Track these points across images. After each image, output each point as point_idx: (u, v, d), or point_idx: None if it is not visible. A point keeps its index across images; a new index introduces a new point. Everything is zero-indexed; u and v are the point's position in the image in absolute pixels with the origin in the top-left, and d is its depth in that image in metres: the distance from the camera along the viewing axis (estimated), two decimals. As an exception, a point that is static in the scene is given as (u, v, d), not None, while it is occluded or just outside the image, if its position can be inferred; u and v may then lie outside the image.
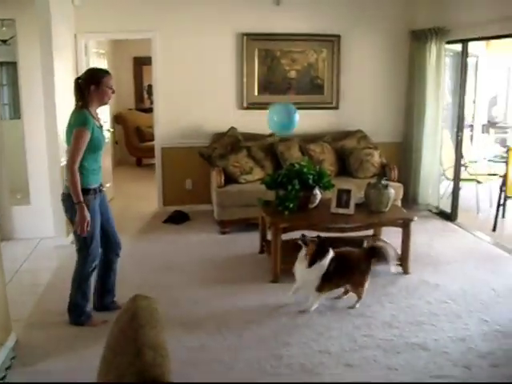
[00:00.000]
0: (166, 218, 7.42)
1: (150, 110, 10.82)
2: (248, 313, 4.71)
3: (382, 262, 4.86)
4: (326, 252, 4.60)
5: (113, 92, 4.27)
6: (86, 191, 4.15)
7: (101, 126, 4.33)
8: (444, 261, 5.94)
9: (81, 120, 4.06)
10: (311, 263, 4.57)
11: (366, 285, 4.78)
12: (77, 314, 4.43)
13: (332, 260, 4.60)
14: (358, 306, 4.76)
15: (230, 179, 6.94)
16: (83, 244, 4.28)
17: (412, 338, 4.25)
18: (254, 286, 5.26)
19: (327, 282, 4.60)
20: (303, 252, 4.66)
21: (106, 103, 4.31)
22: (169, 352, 1.73)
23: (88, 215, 4.10)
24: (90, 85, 4.12)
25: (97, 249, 4.36)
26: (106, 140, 4.47)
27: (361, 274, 4.74)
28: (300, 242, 4.68)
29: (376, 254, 4.81)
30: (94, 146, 4.14)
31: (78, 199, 4.06)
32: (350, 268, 4.74)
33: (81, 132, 4.02)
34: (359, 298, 4.77)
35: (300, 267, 4.69)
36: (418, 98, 7.71)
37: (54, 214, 6.36)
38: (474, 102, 10.63)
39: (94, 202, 4.24)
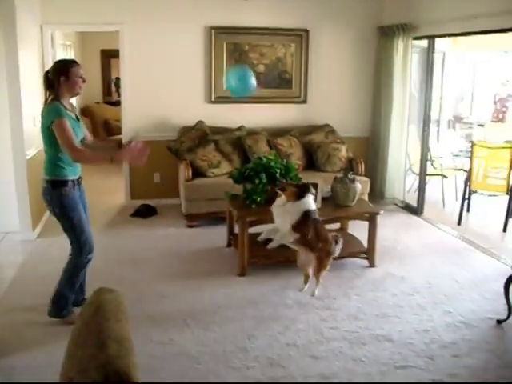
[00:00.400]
0: (133, 212, 7.38)
1: (117, 103, 10.73)
2: (215, 306, 4.71)
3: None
4: (308, 191, 4.72)
5: (83, 81, 4.20)
6: (63, 183, 4.11)
7: (77, 118, 4.28)
8: (410, 254, 6.02)
9: (54, 112, 3.99)
10: (300, 197, 4.67)
11: (327, 268, 4.85)
12: (60, 306, 4.34)
13: (313, 212, 4.71)
14: (317, 292, 4.84)
15: (197, 173, 6.93)
16: (74, 236, 4.24)
17: (377, 330, 4.30)
18: (221, 279, 5.27)
19: (303, 228, 4.64)
20: (280, 199, 4.75)
21: (77, 93, 4.26)
22: (135, 346, 1.72)
23: (131, 149, 4.15)
24: (60, 76, 4.07)
25: (90, 238, 4.31)
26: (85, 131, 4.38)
27: (327, 252, 4.79)
28: (277, 190, 4.81)
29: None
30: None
31: (108, 160, 4.08)
32: (324, 236, 4.76)
33: (60, 123, 3.95)
34: (317, 281, 4.85)
35: (279, 207, 4.76)
36: (384, 93, 7.78)
37: (20, 207, 6.28)
38: (441, 97, 10.76)
39: (74, 193, 4.19)
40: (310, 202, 4.72)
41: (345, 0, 7.92)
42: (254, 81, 5.52)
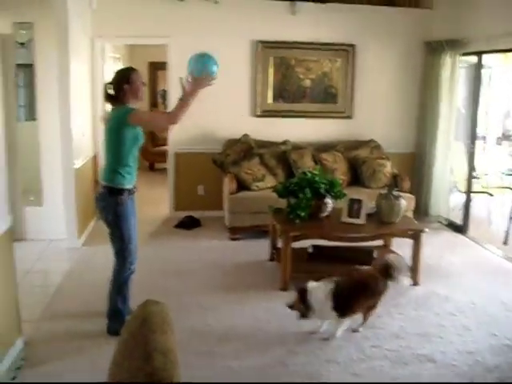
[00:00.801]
0: (177, 223, 7.45)
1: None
2: (256, 320, 4.72)
3: (394, 278, 4.56)
4: (304, 292, 4.26)
5: (144, 85, 4.34)
6: (120, 191, 4.18)
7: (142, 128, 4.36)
8: (454, 273, 5.93)
9: (124, 110, 4.13)
10: (304, 315, 4.28)
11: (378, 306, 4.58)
12: (118, 322, 4.31)
13: (339, 285, 4.30)
14: (361, 330, 4.53)
15: (242, 186, 6.97)
16: (121, 245, 4.28)
17: (419, 350, 4.24)
18: (263, 293, 5.27)
19: (343, 306, 4.30)
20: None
21: (141, 98, 4.34)
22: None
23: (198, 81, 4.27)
24: (123, 84, 4.18)
25: (135, 250, 4.36)
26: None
27: (378, 294, 4.48)
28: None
29: (390, 272, 4.50)
30: (134, 142, 4.17)
31: (187, 100, 4.21)
32: (367, 288, 4.42)
33: (136, 112, 4.12)
34: (365, 320, 4.56)
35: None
36: (431, 109, 7.71)
37: (67, 215, 6.41)
38: (487, 113, 10.59)
39: (128, 203, 4.25)
40: (315, 298, 4.25)
41: (392, 15, 7.88)
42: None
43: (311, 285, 4.30)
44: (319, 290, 4.27)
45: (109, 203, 4.19)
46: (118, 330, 4.27)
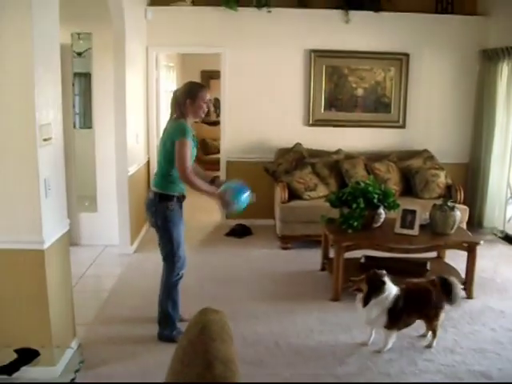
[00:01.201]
0: (228, 231, 7.48)
1: (215, 123, 10.97)
2: (307, 330, 4.69)
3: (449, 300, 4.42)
4: (380, 286, 4.24)
5: (208, 107, 4.33)
6: (170, 197, 4.23)
7: (196, 140, 4.41)
8: (510, 287, 5.77)
9: (182, 131, 4.13)
10: (365, 302, 4.25)
11: (441, 319, 4.44)
12: (169, 328, 4.41)
13: (399, 296, 4.25)
14: (435, 344, 4.41)
15: (293, 195, 6.95)
16: (170, 250, 4.33)
17: (475, 366, 4.14)
18: (314, 303, 5.24)
19: (396, 318, 4.25)
20: (359, 296, 4.35)
21: (200, 117, 4.35)
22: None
23: (225, 197, 4.19)
24: (187, 98, 4.19)
25: (183, 256, 4.40)
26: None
27: (434, 308, 4.36)
28: (354, 291, 4.40)
29: (449, 288, 4.38)
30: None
31: (211, 194, 4.19)
32: (422, 302, 4.34)
33: (184, 143, 4.09)
34: (434, 334, 4.43)
35: (359, 309, 4.37)
36: (486, 118, 7.57)
37: (120, 222, 6.51)
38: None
39: (178, 209, 4.30)
40: (390, 297, 4.25)
41: (446, 23, 7.78)
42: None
43: (388, 283, 4.27)
44: (388, 295, 4.24)
45: (159, 208, 4.25)
46: (168, 336, 4.35)
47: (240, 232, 7.42)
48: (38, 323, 3.76)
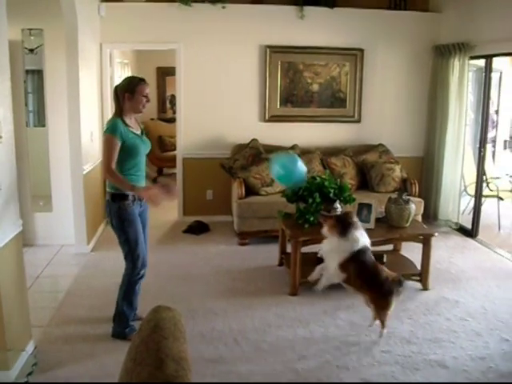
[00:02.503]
0: (185, 228, 7.45)
1: (171, 120, 10.92)
2: (266, 326, 4.70)
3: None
4: (350, 226, 4.35)
5: (147, 101, 4.27)
6: (123, 197, 4.18)
7: (141, 133, 4.36)
8: (464, 277, 5.89)
9: (110, 127, 4.11)
10: (342, 233, 4.33)
11: (390, 311, 4.41)
12: (122, 326, 4.40)
13: (366, 250, 4.37)
14: (384, 333, 4.45)
15: (250, 191, 6.96)
16: (128, 250, 4.28)
17: (431, 355, 4.21)
18: (272, 298, 5.25)
19: (350, 267, 4.32)
20: (324, 229, 4.48)
21: (140, 111, 4.29)
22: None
23: (151, 190, 4.17)
24: (125, 92, 4.16)
25: (143, 255, 4.35)
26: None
27: (383, 296, 4.35)
28: (321, 220, 4.61)
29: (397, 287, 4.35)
30: (130, 153, 4.15)
31: (130, 189, 4.13)
32: (376, 280, 4.35)
33: (107, 138, 4.07)
34: (382, 324, 4.43)
35: (329, 240, 4.47)
36: (440, 113, 7.68)
37: (76, 221, 6.42)
38: (497, 118, 10.56)
39: (133, 208, 4.24)
40: (359, 239, 4.38)
41: (400, 19, 7.88)
42: (301, 168, 4.66)
43: (358, 227, 4.40)
44: (356, 238, 4.34)
45: (112, 208, 4.21)
46: (121, 333, 4.33)
47: (198, 229, 7.39)
48: (-10, 326, 3.69)
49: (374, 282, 4.36)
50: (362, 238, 4.40)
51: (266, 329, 4.64)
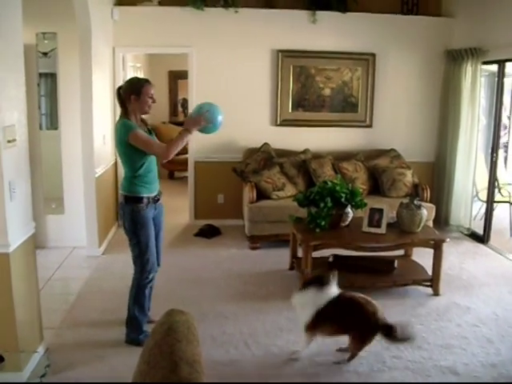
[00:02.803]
0: (197, 232, 7.46)
1: (183, 124, 10.91)
2: (277, 330, 4.71)
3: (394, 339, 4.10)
4: (325, 283, 4.07)
5: (153, 101, 4.25)
6: (137, 199, 4.18)
7: (150, 131, 4.35)
8: (475, 284, 5.87)
9: (125, 128, 4.08)
10: (304, 286, 4.18)
11: (364, 348, 4.16)
12: (136, 331, 4.38)
13: (335, 302, 4.06)
14: (348, 362, 4.15)
15: (262, 195, 6.96)
16: (138, 253, 4.28)
17: (441, 361, 4.20)
18: (283, 302, 5.22)
19: (319, 322, 4.06)
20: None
21: (146, 112, 4.27)
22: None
23: (195, 119, 4.19)
24: (131, 94, 4.14)
25: (153, 259, 4.34)
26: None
27: (363, 334, 4.10)
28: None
29: (388, 333, 4.05)
30: (140, 151, 4.12)
31: (186, 135, 4.17)
32: (356, 321, 4.07)
33: (135, 134, 4.04)
34: (352, 357, 4.17)
35: (295, 295, 4.28)
36: (452, 118, 7.66)
37: (87, 223, 6.45)
38: (509, 117, 10.49)
39: (146, 211, 4.23)
40: (324, 299, 4.07)
41: (412, 24, 7.87)
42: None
43: (333, 286, 4.11)
44: (322, 295, 4.06)
45: (126, 211, 4.22)
46: (135, 339, 4.32)
47: (209, 232, 7.40)
48: (3, 328, 3.71)
49: (353, 326, 4.11)
50: (330, 290, 4.11)
51: (277, 333, 4.64)
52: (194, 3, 7.30)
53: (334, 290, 4.13)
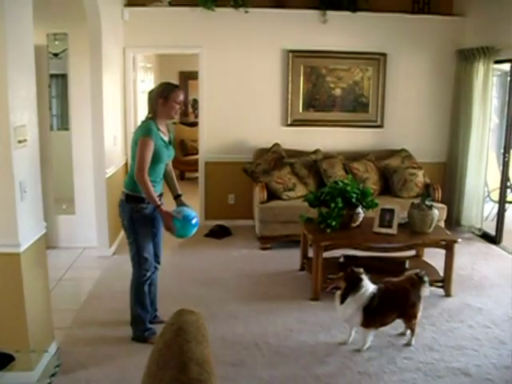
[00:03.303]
0: (207, 232, 7.45)
1: (194, 124, 10.95)
2: (287, 330, 4.69)
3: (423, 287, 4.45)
4: (357, 284, 4.25)
5: (180, 108, 4.30)
6: (139, 199, 4.20)
7: (169, 142, 4.36)
8: (487, 284, 5.83)
9: (144, 130, 4.12)
10: (342, 299, 4.28)
11: (419, 316, 4.45)
12: (140, 329, 4.42)
13: (376, 294, 4.26)
14: (413, 342, 4.44)
15: (272, 195, 6.95)
16: (135, 251, 4.31)
17: (453, 363, 4.17)
18: (293, 303, 5.24)
19: (373, 316, 4.25)
20: (337, 293, 4.39)
21: (172, 118, 4.31)
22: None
23: (170, 215, 4.14)
24: (159, 98, 4.18)
25: (149, 258, 4.36)
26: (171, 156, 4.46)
27: (412, 306, 4.38)
28: (333, 290, 4.45)
29: (422, 280, 4.44)
30: (154, 159, 4.14)
31: (155, 203, 4.14)
32: (399, 301, 4.36)
33: (144, 141, 4.07)
34: (412, 332, 4.45)
35: (337, 307, 4.39)
36: (463, 118, 7.62)
37: (98, 224, 6.47)
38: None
39: (146, 211, 4.26)
40: (366, 295, 4.26)
41: (423, 24, 7.84)
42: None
43: (365, 281, 4.30)
44: (364, 292, 4.25)
45: (126, 209, 4.25)
46: (140, 336, 4.34)
47: (219, 233, 7.40)
48: (14, 327, 3.72)
49: (400, 306, 4.38)
50: (365, 286, 4.30)
51: (288, 333, 4.63)
52: (204, 3, 7.30)
53: (367, 283, 4.30)
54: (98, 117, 6.27)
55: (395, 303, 4.37)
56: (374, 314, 4.26)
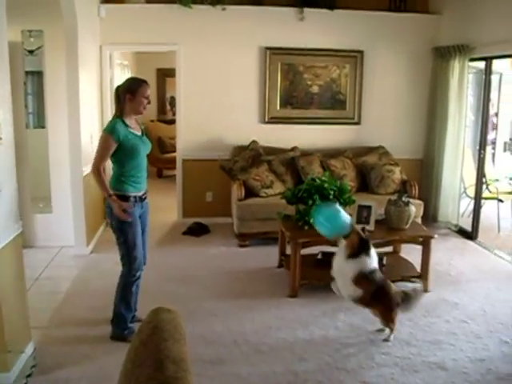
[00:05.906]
0: (185, 230, 7.44)
1: (171, 122, 10.90)
2: (266, 327, 4.70)
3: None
4: (369, 248, 4.43)
5: (148, 102, 4.29)
6: (125, 198, 4.19)
7: (142, 134, 4.35)
8: (464, 280, 5.89)
9: (109, 127, 4.14)
10: (350, 255, 4.41)
11: (396, 318, 4.48)
12: (121, 327, 4.40)
13: (376, 272, 4.43)
14: (392, 337, 4.47)
15: (250, 192, 6.95)
16: (125, 251, 4.29)
17: (430, 357, 4.21)
18: (272, 300, 5.25)
19: (364, 282, 4.38)
20: (343, 242, 4.52)
21: (140, 113, 4.30)
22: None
23: (122, 204, 4.14)
24: (126, 94, 4.16)
25: (140, 256, 4.35)
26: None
27: (388, 307, 4.43)
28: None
29: (405, 300, 4.45)
30: (130, 153, 4.15)
31: (107, 193, 4.15)
32: (385, 297, 4.43)
33: (104, 137, 4.12)
34: (392, 331, 4.49)
35: (337, 258, 4.53)
36: (440, 115, 7.68)
37: (75, 223, 6.42)
38: (497, 119, 10.55)
39: (133, 210, 4.24)
40: (366, 263, 4.42)
41: (400, 21, 7.88)
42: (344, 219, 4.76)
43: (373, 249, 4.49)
44: (370, 260, 4.42)
45: (113, 209, 4.20)
46: (120, 334, 4.32)
47: (197, 230, 7.39)
48: (-10, 328, 3.68)
49: (384, 299, 4.42)
50: (373, 261, 4.47)
51: (266, 331, 4.63)
52: (181, 0, 7.27)
53: (374, 258, 4.50)
54: (75, 115, 6.22)
55: (381, 295, 4.42)
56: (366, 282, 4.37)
